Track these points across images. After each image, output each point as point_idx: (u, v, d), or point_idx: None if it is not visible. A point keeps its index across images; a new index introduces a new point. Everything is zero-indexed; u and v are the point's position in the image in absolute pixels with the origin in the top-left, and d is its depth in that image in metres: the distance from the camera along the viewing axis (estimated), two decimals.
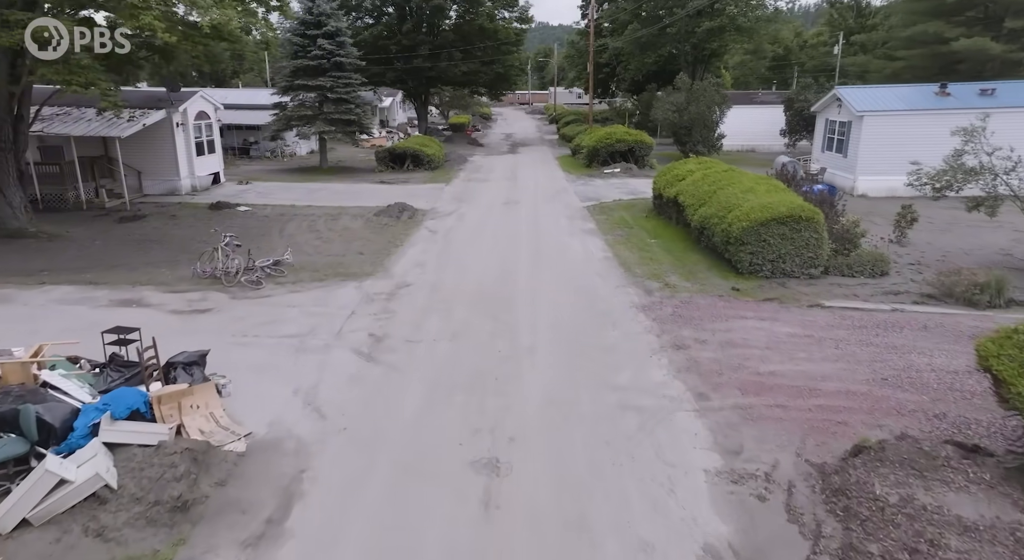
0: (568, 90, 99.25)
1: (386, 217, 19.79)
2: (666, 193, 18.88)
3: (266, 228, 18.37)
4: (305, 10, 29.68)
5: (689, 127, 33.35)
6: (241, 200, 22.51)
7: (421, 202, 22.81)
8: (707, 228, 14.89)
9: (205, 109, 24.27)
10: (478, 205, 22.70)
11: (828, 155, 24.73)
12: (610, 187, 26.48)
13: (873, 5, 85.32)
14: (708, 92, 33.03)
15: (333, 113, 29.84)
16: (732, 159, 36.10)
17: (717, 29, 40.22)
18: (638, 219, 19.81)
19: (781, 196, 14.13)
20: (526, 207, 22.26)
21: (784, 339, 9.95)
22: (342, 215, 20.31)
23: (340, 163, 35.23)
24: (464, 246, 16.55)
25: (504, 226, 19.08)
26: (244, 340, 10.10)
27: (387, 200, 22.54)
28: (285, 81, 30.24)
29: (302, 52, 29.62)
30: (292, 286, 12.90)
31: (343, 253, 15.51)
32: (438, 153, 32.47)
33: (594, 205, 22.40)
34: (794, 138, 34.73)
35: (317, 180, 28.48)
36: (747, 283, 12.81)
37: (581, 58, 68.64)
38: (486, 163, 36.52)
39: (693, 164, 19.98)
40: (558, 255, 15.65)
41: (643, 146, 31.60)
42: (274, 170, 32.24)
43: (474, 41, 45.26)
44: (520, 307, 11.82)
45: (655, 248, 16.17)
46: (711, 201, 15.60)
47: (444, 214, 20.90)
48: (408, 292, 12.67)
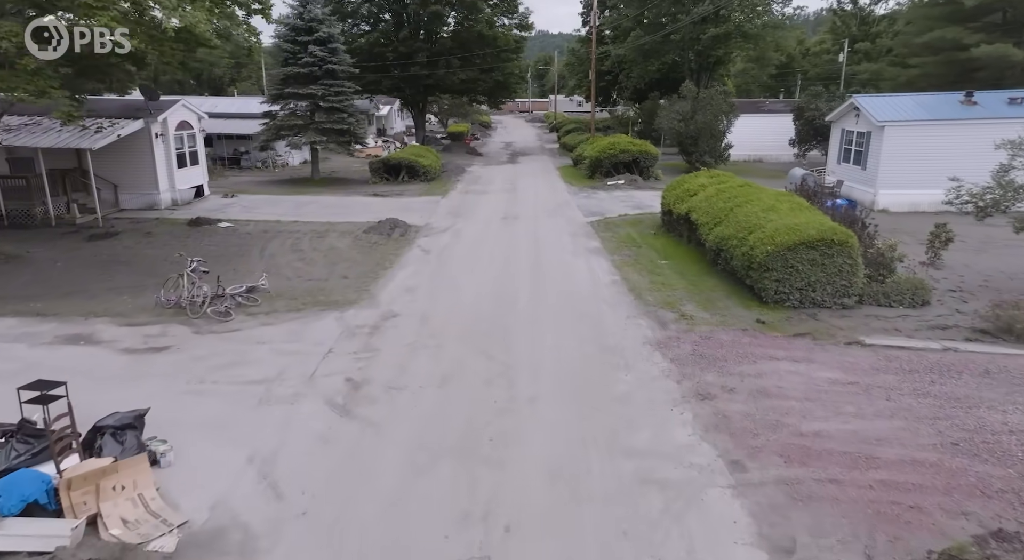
0: (569, 98, 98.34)
1: (376, 234, 18.48)
2: (677, 209, 17.58)
3: (246, 247, 17.04)
4: (296, 15, 28.53)
5: (695, 137, 32.12)
6: (224, 215, 21.20)
7: (415, 217, 21.51)
8: (724, 250, 13.57)
9: (187, 119, 23.02)
10: (475, 220, 21.39)
11: (845, 167, 23.45)
12: (614, 200, 25.18)
13: (876, 13, 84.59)
14: (715, 101, 31.82)
15: (325, 122, 28.60)
16: (739, 170, 34.87)
17: (723, 36, 39.09)
18: (646, 237, 18.49)
19: (807, 216, 12.81)
20: (526, 222, 20.96)
21: (825, 387, 8.59)
22: (329, 232, 18.99)
23: (333, 174, 33.98)
24: (459, 268, 15.22)
25: (503, 244, 17.77)
26: (200, 387, 8.74)
27: (379, 215, 21.25)
28: (275, 89, 29.04)
29: (292, 59, 28.44)
30: (265, 317, 11.55)
31: (326, 277, 14.17)
32: (434, 164, 31.23)
33: (598, 221, 21.10)
34: (804, 148, 33.50)
35: (307, 192, 27.19)
36: (773, 314, 11.47)
37: (582, 66, 67.62)
38: (485, 174, 35.28)
39: (705, 178, 18.69)
40: (561, 278, 14.31)
41: (648, 157, 30.35)
42: (264, 181, 30.97)
43: (473, 48, 44.16)
44: (519, 343, 10.47)
45: (667, 271, 14.83)
46: (728, 220, 14.28)
47: (438, 231, 19.58)
48: (394, 324, 11.32)
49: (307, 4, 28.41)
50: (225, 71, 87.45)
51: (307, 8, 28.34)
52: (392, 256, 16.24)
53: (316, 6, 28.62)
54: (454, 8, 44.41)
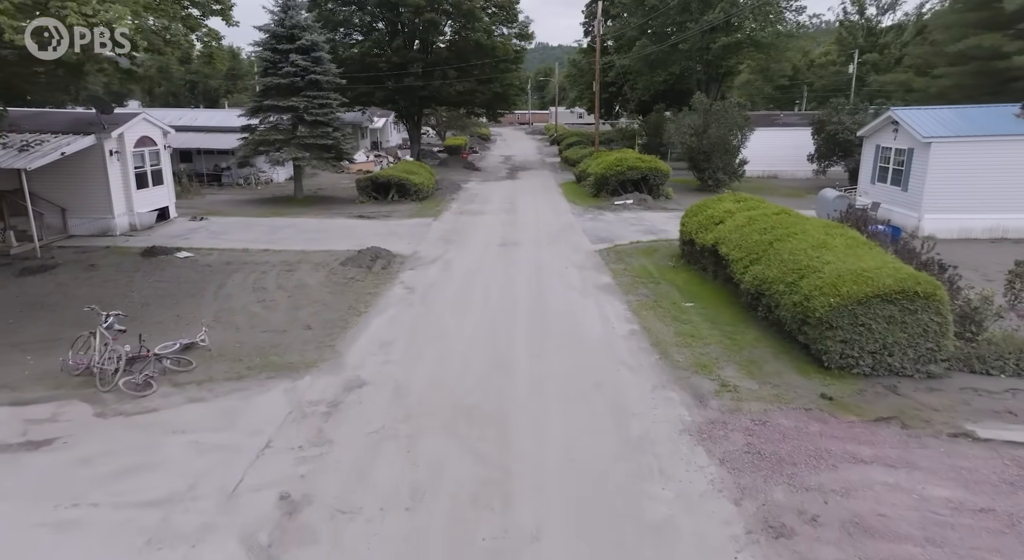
0: (570, 110, 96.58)
1: (354, 267, 16.09)
2: (700, 239, 15.20)
3: (200, 285, 14.63)
4: (277, 22, 26.36)
5: (708, 152, 29.86)
6: (185, 242, 18.83)
7: (401, 244, 19.14)
8: (766, 295, 11.17)
9: (149, 134, 20.70)
10: (469, 248, 19.01)
11: (880, 188, 21.12)
12: (623, 223, 22.83)
13: (883, 24, 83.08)
14: (730, 114, 29.59)
15: (307, 137, 26.32)
16: (754, 187, 32.58)
17: (733, 45, 36.98)
18: (664, 270, 16.09)
19: (873, 257, 10.43)
20: (526, 251, 18.58)
21: (947, 516, 6.14)
22: (301, 264, 16.60)
23: (319, 192, 31.67)
24: (446, 313, 12.79)
25: (499, 280, 15.36)
26: (70, 515, 6.29)
27: (361, 242, 18.91)
28: (253, 101, 26.80)
29: (273, 69, 26.22)
30: (196, 389, 9.12)
31: (285, 327, 11.74)
32: (427, 181, 28.92)
33: (608, 248, 18.72)
34: (824, 164, 31.24)
35: (287, 214, 24.84)
36: (840, 385, 9.03)
37: (583, 77, 65.68)
38: (482, 191, 32.98)
39: (731, 202, 16.34)
40: (569, 328, 11.89)
41: (658, 174, 28.05)
42: (243, 200, 28.65)
43: (470, 58, 42.07)
44: (519, 431, 8.04)
45: (694, 317, 12.42)
46: (768, 257, 11.90)
47: (427, 262, 17.19)
48: (359, 399, 8.89)
49: (289, 10, 26.25)
50: (220, 83, 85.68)
51: (288, 15, 26.17)
52: (369, 296, 13.82)
53: (299, 13, 26.46)
54: (450, 17, 42.39)
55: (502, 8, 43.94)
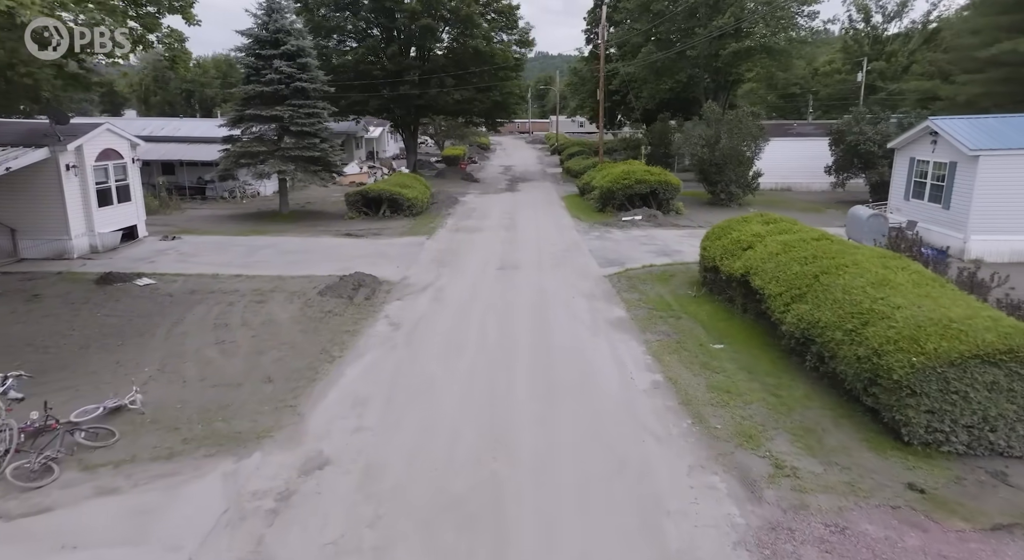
0: (571, 119, 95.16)
1: (334, 297, 14.21)
2: (726, 267, 13.33)
3: (154, 321, 12.74)
4: (260, 26, 24.64)
5: (721, 164, 28.07)
6: (149, 267, 16.97)
7: (389, 268, 17.28)
8: (817, 342, 9.30)
9: (114, 146, 18.89)
10: (464, 272, 17.15)
11: (916, 205, 19.28)
12: (633, 243, 20.97)
13: (890, 31, 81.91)
14: (743, 123, 27.83)
15: (293, 149, 24.53)
16: (768, 200, 30.79)
17: (744, 52, 35.31)
18: (684, 301, 14.21)
19: (954, 300, 8.56)
20: (527, 275, 16.72)
21: None
22: (275, 293, 14.72)
23: (307, 206, 29.87)
24: (434, 359, 10.89)
25: (497, 313, 13.47)
26: None
27: (345, 265, 17.08)
28: (235, 110, 25.04)
29: (256, 76, 24.48)
30: (111, 474, 7.21)
31: (241, 379, 9.83)
32: (421, 195, 27.09)
33: (618, 273, 16.85)
34: (843, 177, 29.44)
35: (269, 231, 23.00)
36: (931, 470, 7.13)
37: (585, 85, 64.12)
38: (480, 205, 31.17)
39: (758, 224, 14.48)
40: (579, 379, 9.99)
41: (668, 188, 26.24)
42: (224, 216, 26.82)
43: (469, 66, 40.42)
44: (519, 540, 6.13)
45: (726, 362, 10.53)
46: (815, 294, 10.03)
47: (416, 290, 15.31)
48: (317, 490, 6.98)
49: (273, 13, 24.53)
50: (217, 92, 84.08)
51: (273, 18, 24.45)
52: (347, 336, 11.92)
53: (284, 16, 24.74)
54: (448, 23, 40.79)
55: (501, 14, 42.37)
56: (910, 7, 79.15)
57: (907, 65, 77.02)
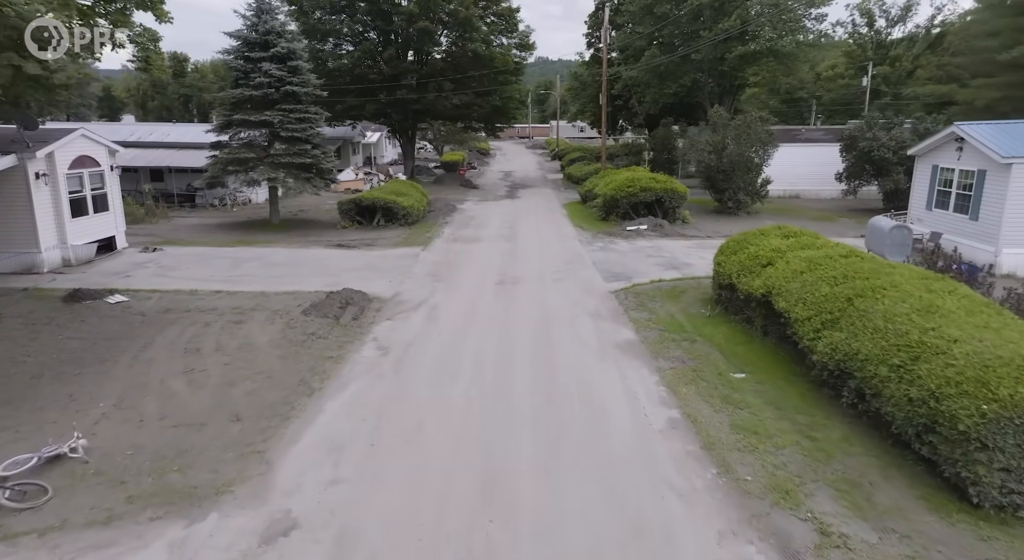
0: (572, 124, 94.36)
1: (319, 317, 13.13)
2: (744, 285, 12.25)
3: (120, 345, 11.65)
4: (249, 27, 23.64)
5: (728, 171, 27.03)
6: (124, 282, 15.90)
7: (381, 283, 16.22)
8: (854, 375, 8.22)
9: (90, 153, 17.85)
10: (461, 287, 16.07)
11: (940, 215, 18.22)
12: (639, 254, 19.89)
13: (893, 36, 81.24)
14: (752, 129, 26.81)
15: (283, 155, 23.48)
16: (776, 208, 29.76)
17: (750, 56, 34.34)
18: (698, 321, 13.12)
19: (1019, 330, 7.48)
20: (528, 291, 15.64)
21: None
22: (256, 312, 13.64)
23: (299, 214, 28.83)
24: (425, 392, 9.79)
25: (495, 335, 12.39)
26: None
27: (334, 280, 16.03)
28: (223, 115, 24.02)
29: (244, 79, 23.48)
30: (35, 545, 6.10)
31: (205, 419, 8.73)
32: (417, 204, 26.04)
33: (625, 289, 15.77)
34: (855, 184, 28.40)
35: (257, 242, 21.93)
36: (1010, 542, 6.02)
37: (585, 90, 63.22)
38: (479, 213, 30.13)
39: (777, 238, 13.42)
40: (587, 416, 8.90)
41: (674, 196, 25.19)
42: (213, 225, 25.78)
43: (467, 70, 39.47)
44: None
45: (750, 395, 9.44)
46: (850, 319, 8.96)
47: (408, 308, 14.23)
48: None
49: (263, 14, 23.54)
50: (215, 97, 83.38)
51: (262, 19, 23.46)
52: (329, 363, 10.83)
53: (274, 17, 23.75)
54: (446, 26, 39.86)
55: (501, 17, 41.49)
56: (914, 11, 78.42)
57: (912, 70, 76.30)
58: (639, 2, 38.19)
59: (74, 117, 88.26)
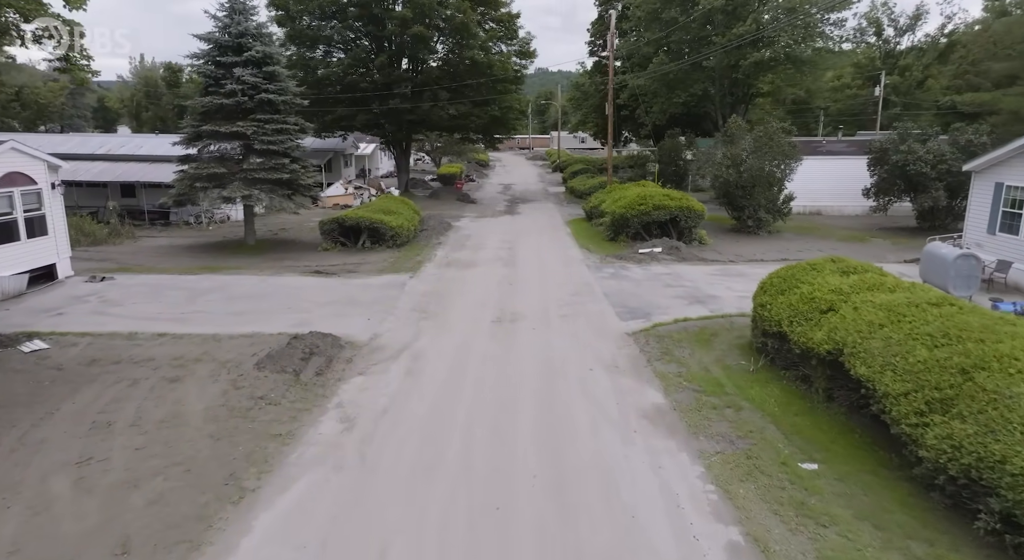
0: (573, 135, 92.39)
1: (275, 372, 10.69)
2: (799, 336, 9.81)
3: (10, 417, 9.17)
4: (221, 29, 21.39)
5: (749, 187, 24.69)
6: (53, 322, 13.46)
7: (358, 321, 13.79)
8: (997, 491, 5.79)
9: (23, 169, 15.49)
10: (450, 328, 13.63)
11: (1007, 241, 15.82)
12: (656, 283, 17.47)
13: (902, 46, 79.57)
14: (775, 140, 24.50)
15: (257, 170, 21.13)
16: (797, 226, 27.28)
17: (767, 62, 32.12)
18: (739, 378, 10.66)
19: None
20: (530, 333, 13.21)
21: None
22: (199, 365, 11.19)
23: (280, 233, 26.49)
24: (395, 493, 7.32)
25: (489, 401, 9.93)
26: None
27: (303, 318, 13.66)
28: (191, 126, 21.69)
29: (215, 86, 21.19)
30: None
31: (78, 551, 6.25)
32: (407, 223, 23.64)
33: (645, 330, 13.32)
34: (886, 200, 26.05)
35: (225, 267, 19.51)
36: None
37: (587, 100, 61.19)
38: (476, 231, 27.76)
39: (834, 275, 11.00)
40: (611, 538, 6.44)
41: (691, 215, 22.81)
42: (182, 246, 23.41)
43: (465, 78, 37.31)
44: None
45: (834, 505, 6.97)
46: (973, 403, 6.55)
47: (386, 358, 11.78)
48: None
49: (236, 14, 21.29)
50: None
51: (235, 20, 21.20)
52: (274, 446, 8.36)
53: (248, 18, 21.48)
54: (442, 33, 37.73)
55: (500, 23, 39.38)
56: (924, 20, 76.64)
57: (922, 79, 74.48)
58: (646, 7, 36.07)
59: (69, 128, 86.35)
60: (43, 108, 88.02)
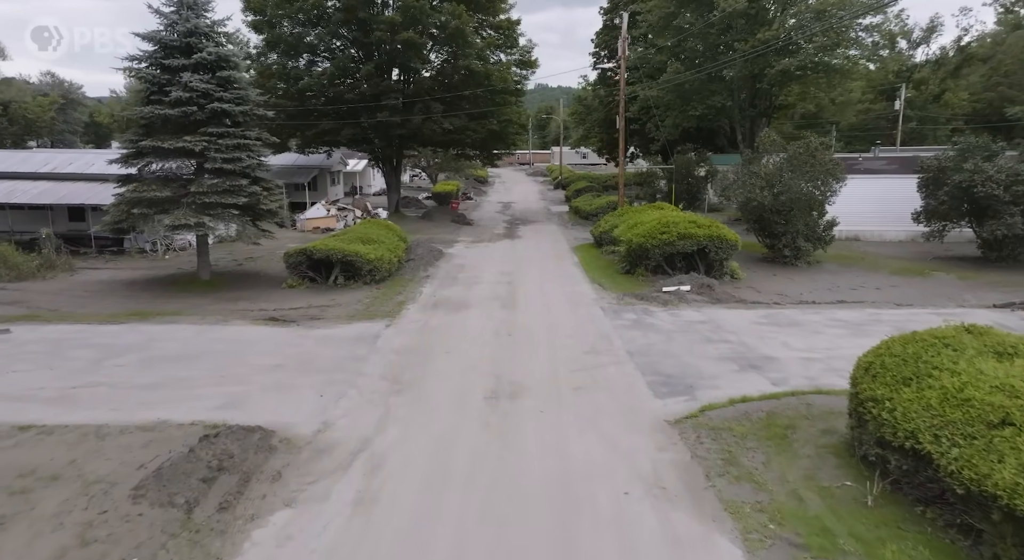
0: (575, 150, 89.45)
1: (156, 504, 7.16)
2: (958, 465, 6.26)
3: None
4: (167, 26, 18.10)
5: (787, 211, 21.29)
6: None
7: (306, 400, 10.28)
8: None
9: None
10: (429, 411, 10.08)
11: None
12: (692, 336, 13.91)
13: (916, 59, 76.75)
14: (817, 158, 21.17)
15: (208, 193, 17.71)
16: (840, 256, 23.92)
17: (796, 70, 28.91)
18: (854, 519, 7.07)
19: None
20: (537, 419, 9.67)
21: None
22: (49, 490, 7.63)
23: (246, 263, 23.06)
24: None
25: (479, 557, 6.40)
26: None
27: (236, 394, 10.22)
28: (129, 141, 18.29)
29: (158, 94, 17.85)
30: None
31: None
32: (388, 255, 20.13)
33: (691, 416, 9.76)
34: (943, 226, 22.64)
35: (162, 313, 16.02)
36: None
37: (591, 115, 58.12)
38: (471, 260, 24.32)
39: (986, 357, 7.60)
40: None
41: (722, 245, 19.37)
42: (123, 282, 19.94)
43: (460, 89, 34.12)
44: None
45: None
46: None
47: (332, 470, 8.21)
48: None
49: (185, 10, 17.98)
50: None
51: (183, 16, 17.90)
52: None
53: (200, 14, 18.18)
54: (435, 40, 34.62)
55: (499, 29, 36.31)
56: (939, 32, 74.03)
57: (939, 93, 71.82)
58: (658, 11, 32.98)
59: (60, 143, 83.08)
60: (31, 123, 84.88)
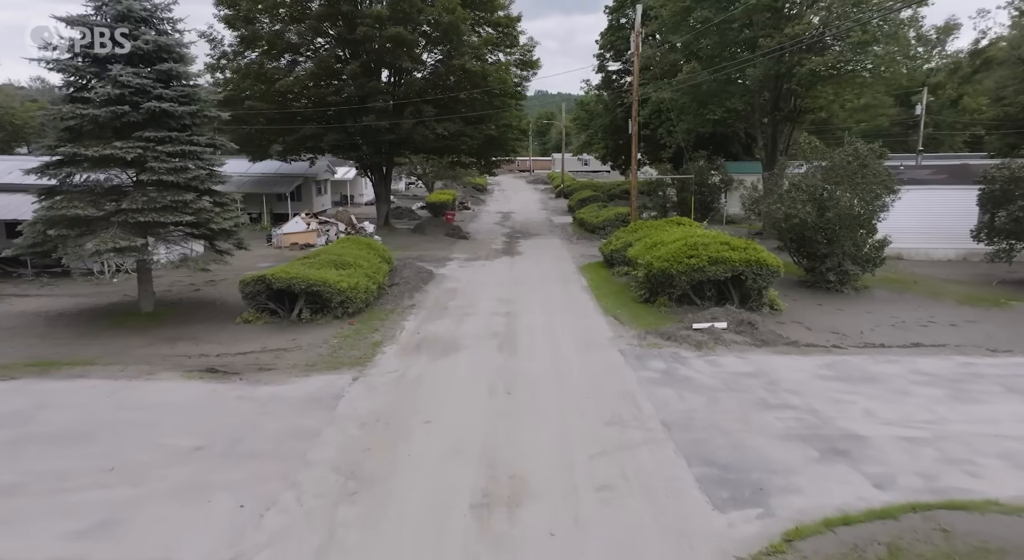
0: (577, 157, 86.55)
1: None
2: None
3: None
4: (96, 8, 15.04)
5: (832, 230, 18.18)
6: None
7: (216, 517, 7.09)
8: None
9: None
10: (396, 535, 6.90)
11: None
12: (742, 398, 10.73)
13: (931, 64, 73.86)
14: (871, 167, 18.09)
15: (144, 210, 14.59)
16: (887, 279, 20.82)
17: (830, 69, 25.91)
18: None
19: None
20: (547, 546, 6.50)
21: None
22: None
23: (203, 288, 19.94)
24: None
25: None
26: None
27: (110, 513, 6.95)
28: (47, 147, 15.17)
29: (82, 91, 14.76)
30: None
31: None
32: (366, 281, 16.95)
33: (775, 550, 6.59)
34: (1010, 244, 19.54)
35: (70, 362, 12.85)
36: None
37: (595, 120, 55.16)
38: (464, 284, 21.19)
39: None
40: None
41: (760, 272, 16.20)
42: (49, 316, 16.81)
43: (455, 90, 31.12)
44: None
45: None
46: None
47: None
48: None
49: None
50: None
51: None
52: None
53: None
54: (428, 38, 31.62)
55: (497, 27, 33.35)
56: (955, 35, 71.29)
57: (956, 97, 69.29)
58: (672, 6, 30.00)
59: None
60: (19, 129, 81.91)
